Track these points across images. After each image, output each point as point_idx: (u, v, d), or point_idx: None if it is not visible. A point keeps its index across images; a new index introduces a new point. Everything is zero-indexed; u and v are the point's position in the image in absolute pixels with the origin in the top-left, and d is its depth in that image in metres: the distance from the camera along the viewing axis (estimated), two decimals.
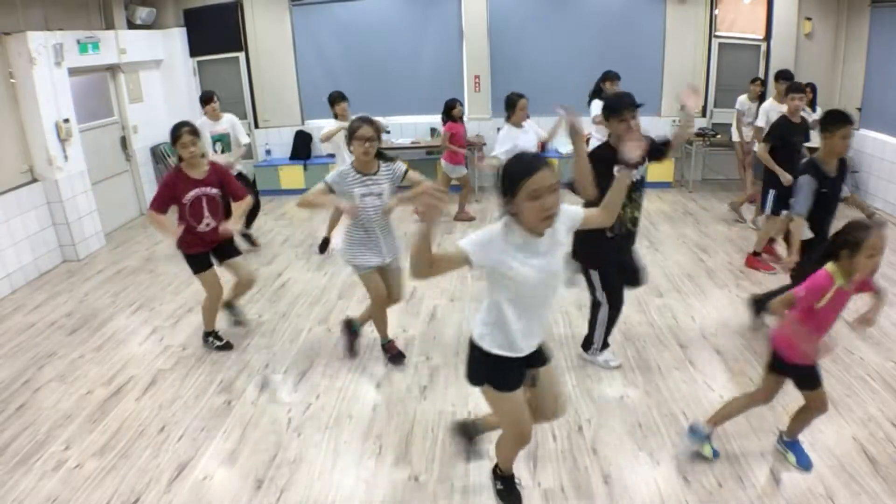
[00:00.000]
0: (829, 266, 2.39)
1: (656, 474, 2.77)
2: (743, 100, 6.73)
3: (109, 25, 6.89)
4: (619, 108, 3.16)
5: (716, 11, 7.66)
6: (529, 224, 1.98)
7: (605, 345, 3.70)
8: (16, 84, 5.54)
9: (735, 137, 6.90)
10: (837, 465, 2.77)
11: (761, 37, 7.60)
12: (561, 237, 2.13)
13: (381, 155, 3.47)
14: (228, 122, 5.74)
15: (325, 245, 5.94)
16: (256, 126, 8.41)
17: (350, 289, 5.02)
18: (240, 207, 3.90)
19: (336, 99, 5.75)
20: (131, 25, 7.26)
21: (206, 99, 5.66)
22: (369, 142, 3.29)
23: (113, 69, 7.03)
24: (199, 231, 3.75)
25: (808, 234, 3.52)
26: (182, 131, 3.61)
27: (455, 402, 3.40)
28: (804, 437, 2.85)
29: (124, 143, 7.33)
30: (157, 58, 7.81)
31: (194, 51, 8.09)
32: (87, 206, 6.22)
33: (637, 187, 3.31)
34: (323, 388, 3.60)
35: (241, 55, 8.17)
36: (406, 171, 3.51)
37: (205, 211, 3.73)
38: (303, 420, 3.30)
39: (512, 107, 5.01)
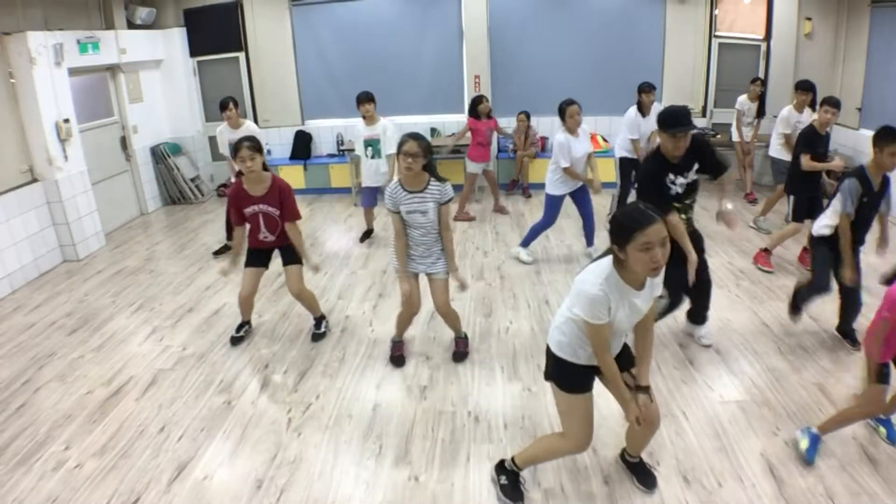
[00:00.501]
0: None
1: (656, 474, 2.76)
2: (743, 100, 6.74)
3: (109, 25, 6.89)
4: (671, 127, 3.22)
5: (716, 11, 7.66)
6: (636, 272, 2.08)
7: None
8: (16, 84, 5.54)
9: (735, 137, 6.90)
10: (837, 465, 2.77)
11: (761, 37, 7.60)
12: (653, 290, 2.23)
13: (431, 169, 3.37)
14: (247, 131, 5.47)
15: (366, 235, 6.22)
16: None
17: (350, 289, 5.02)
18: (298, 241, 3.88)
19: (360, 100, 5.53)
20: (131, 25, 7.26)
21: (221, 106, 5.53)
22: (412, 157, 3.20)
23: (113, 69, 7.03)
24: (259, 238, 3.88)
25: (827, 231, 3.60)
26: (242, 145, 3.62)
27: (455, 401, 3.40)
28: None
29: (124, 143, 7.32)
30: (157, 58, 7.81)
31: (194, 51, 8.09)
32: (87, 206, 6.22)
33: (687, 194, 3.46)
34: (323, 388, 3.60)
35: (241, 55, 8.16)
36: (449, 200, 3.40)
37: (261, 226, 3.84)
38: (303, 420, 3.30)
39: (562, 115, 4.95)
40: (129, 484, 2.86)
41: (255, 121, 8.37)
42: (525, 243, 5.46)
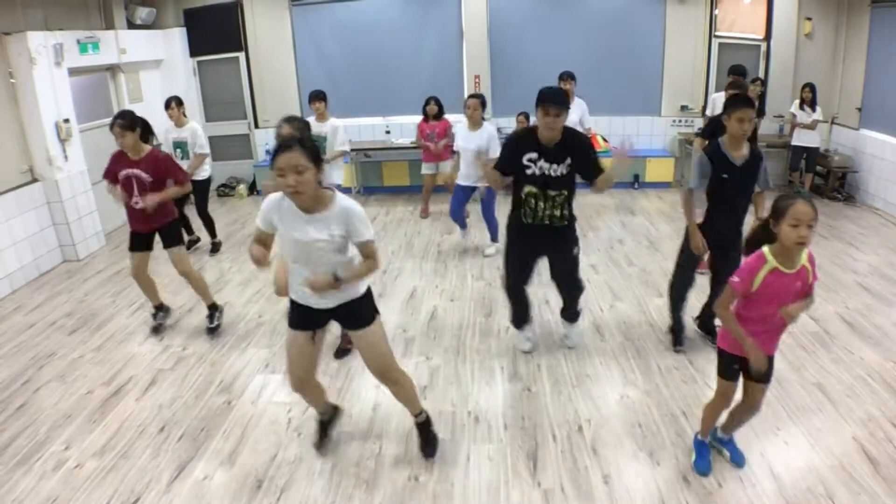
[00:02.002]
0: (765, 247, 2.36)
1: (656, 474, 2.77)
2: None
3: (109, 25, 6.89)
4: (540, 101, 3.25)
5: (716, 11, 7.66)
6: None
7: (515, 322, 3.89)
8: (16, 84, 5.53)
9: None
10: (837, 465, 2.77)
11: (761, 37, 7.60)
12: (332, 225, 2.38)
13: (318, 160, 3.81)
14: (189, 130, 5.74)
15: None
16: (256, 126, 8.41)
17: None
18: (170, 189, 4.04)
19: (310, 98, 5.46)
20: (131, 25, 7.26)
21: (165, 104, 5.80)
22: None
23: (113, 69, 7.03)
24: (132, 206, 4.01)
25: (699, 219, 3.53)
26: (113, 122, 3.87)
27: (455, 401, 3.40)
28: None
29: None
30: (157, 58, 7.81)
31: (194, 51, 8.09)
32: (87, 206, 6.22)
33: (553, 185, 3.31)
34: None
35: (241, 55, 8.16)
36: None
37: (134, 190, 3.96)
38: (303, 420, 3.30)
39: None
40: (129, 484, 2.86)
41: (256, 120, 8.38)
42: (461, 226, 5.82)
